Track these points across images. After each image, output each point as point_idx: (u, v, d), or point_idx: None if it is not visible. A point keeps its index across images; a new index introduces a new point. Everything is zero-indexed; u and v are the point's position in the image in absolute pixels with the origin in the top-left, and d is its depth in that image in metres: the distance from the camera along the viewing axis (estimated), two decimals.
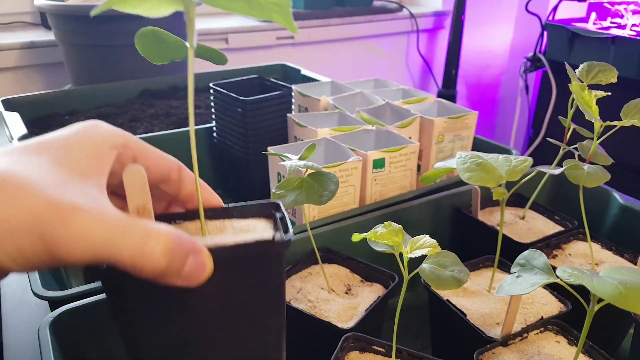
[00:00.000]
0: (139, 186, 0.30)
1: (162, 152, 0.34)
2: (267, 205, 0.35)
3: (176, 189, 0.35)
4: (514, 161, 0.48)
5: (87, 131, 0.30)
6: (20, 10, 1.61)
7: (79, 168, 0.28)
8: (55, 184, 0.26)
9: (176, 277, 0.28)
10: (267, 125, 0.79)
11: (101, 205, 0.27)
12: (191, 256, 0.28)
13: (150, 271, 0.27)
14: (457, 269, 0.41)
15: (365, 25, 2.04)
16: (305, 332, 0.49)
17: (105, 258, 0.26)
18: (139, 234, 0.27)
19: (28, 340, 0.55)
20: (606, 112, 0.53)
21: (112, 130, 0.31)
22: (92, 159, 0.29)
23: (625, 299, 0.31)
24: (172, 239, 0.27)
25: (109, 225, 0.26)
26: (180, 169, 0.35)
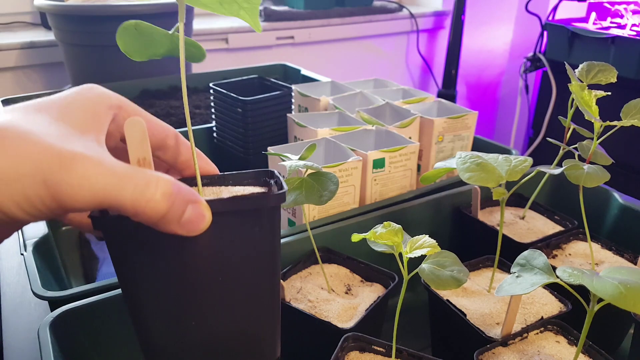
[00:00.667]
0: (139, 138, 0.30)
1: (157, 119, 0.35)
2: (262, 173, 0.37)
3: (173, 157, 0.36)
4: (514, 161, 0.48)
5: (84, 92, 0.31)
6: (20, 10, 1.61)
7: (77, 124, 0.29)
8: (56, 135, 0.27)
9: (176, 224, 0.29)
10: (267, 125, 0.79)
11: (101, 154, 0.28)
12: (190, 205, 0.29)
13: (151, 215, 0.28)
14: (457, 269, 0.41)
15: (365, 25, 2.04)
16: (305, 332, 0.49)
17: (107, 203, 0.27)
18: (139, 179, 0.28)
19: (28, 340, 0.55)
20: (606, 112, 0.53)
21: (108, 92, 0.32)
22: (90, 116, 0.30)
23: (625, 299, 0.31)
24: (172, 186, 0.28)
25: (109, 170, 0.27)
26: (176, 136, 0.36)
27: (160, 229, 0.29)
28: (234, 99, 0.77)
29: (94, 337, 0.47)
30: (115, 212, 0.29)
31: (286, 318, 0.50)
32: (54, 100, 0.30)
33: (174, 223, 0.29)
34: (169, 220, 0.29)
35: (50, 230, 0.61)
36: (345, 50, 2.06)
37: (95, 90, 0.32)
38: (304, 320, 0.48)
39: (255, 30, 0.31)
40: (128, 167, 0.28)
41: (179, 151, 0.36)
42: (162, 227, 0.29)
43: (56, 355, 0.41)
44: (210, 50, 1.76)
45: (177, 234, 0.29)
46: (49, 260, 0.58)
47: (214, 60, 1.76)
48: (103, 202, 0.27)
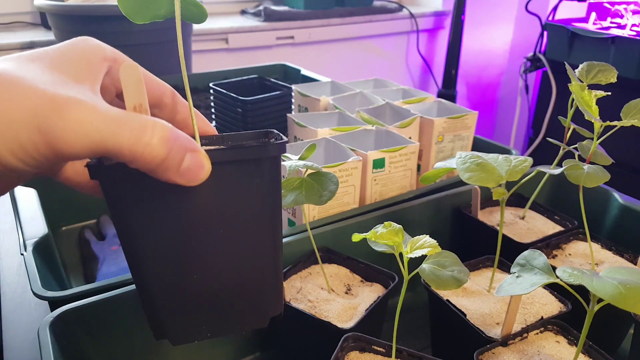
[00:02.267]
0: (135, 84, 0.30)
1: (154, 76, 0.35)
2: (261, 133, 0.36)
3: (170, 115, 0.36)
4: (514, 161, 0.48)
5: (78, 43, 0.31)
6: (20, 10, 1.61)
7: (72, 73, 0.29)
8: (50, 82, 0.27)
9: (175, 172, 0.28)
10: (267, 125, 0.79)
11: (96, 100, 0.27)
12: (189, 154, 0.28)
13: (149, 161, 0.27)
14: (457, 269, 0.41)
15: (365, 25, 2.04)
16: (305, 332, 0.49)
17: (103, 148, 0.26)
18: (136, 123, 0.27)
19: (28, 340, 0.55)
20: (606, 112, 0.53)
21: (103, 44, 0.32)
22: (84, 66, 0.30)
23: (625, 299, 0.31)
24: (169, 130, 0.28)
25: (105, 116, 0.26)
26: (173, 94, 0.35)
27: (158, 177, 0.28)
28: (234, 99, 0.77)
29: (94, 337, 0.47)
30: (111, 160, 0.28)
31: (286, 318, 0.50)
32: (48, 51, 0.30)
33: (172, 171, 0.28)
34: (168, 167, 0.28)
35: (50, 230, 0.61)
36: (345, 50, 2.06)
37: (90, 41, 0.32)
38: (304, 320, 0.48)
39: None
40: (124, 112, 0.27)
41: (176, 109, 0.36)
42: (161, 175, 0.28)
43: (56, 355, 0.41)
44: (210, 50, 1.76)
45: (176, 184, 0.29)
46: (49, 260, 0.58)
47: (214, 60, 1.76)
48: (99, 148, 0.26)
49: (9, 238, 0.73)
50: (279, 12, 1.85)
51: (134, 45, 1.14)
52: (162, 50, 1.19)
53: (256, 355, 0.56)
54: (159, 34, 1.16)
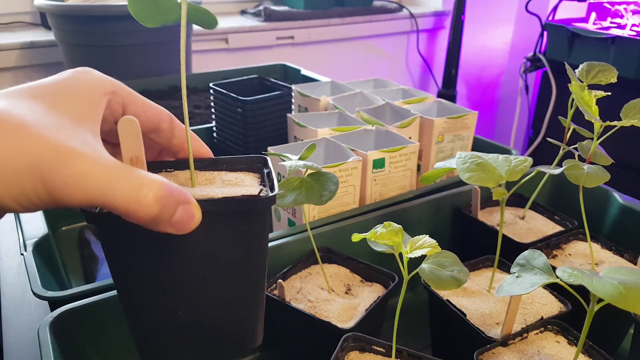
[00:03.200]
0: (132, 137, 0.31)
1: (152, 102, 0.35)
2: (254, 160, 0.38)
3: (167, 139, 0.36)
4: (514, 161, 0.48)
5: (78, 77, 0.31)
6: (20, 10, 1.61)
7: (73, 113, 0.29)
8: (53, 127, 0.27)
9: (167, 224, 0.29)
10: (267, 125, 0.79)
11: (97, 151, 0.28)
12: (181, 206, 0.29)
13: (142, 217, 0.28)
14: (457, 269, 0.41)
15: (365, 25, 2.04)
16: (305, 332, 0.49)
17: (101, 201, 0.27)
18: (133, 180, 0.28)
19: (28, 340, 0.55)
20: (606, 112, 0.53)
21: (102, 77, 0.33)
22: (85, 104, 0.30)
23: (625, 299, 0.31)
24: (164, 188, 0.29)
25: (105, 170, 0.27)
26: (171, 119, 0.36)
27: (150, 229, 0.29)
28: (234, 99, 0.77)
29: (94, 337, 0.47)
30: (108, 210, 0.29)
31: (286, 318, 0.50)
32: (48, 86, 0.30)
33: (164, 223, 0.29)
34: (160, 221, 0.29)
35: (50, 230, 0.61)
36: (345, 50, 2.06)
37: (89, 75, 0.32)
38: (304, 320, 0.48)
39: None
40: (122, 166, 0.28)
41: (173, 134, 0.36)
42: (153, 227, 0.29)
43: (56, 355, 0.41)
44: (210, 51, 1.76)
45: (167, 233, 0.30)
46: (49, 260, 0.58)
47: (214, 60, 1.76)
48: (96, 201, 0.27)
49: (9, 238, 0.73)
50: (279, 12, 1.85)
51: (134, 45, 1.15)
52: (161, 50, 1.19)
53: (256, 355, 0.56)
54: (159, 34, 1.16)
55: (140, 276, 0.33)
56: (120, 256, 0.33)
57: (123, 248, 0.33)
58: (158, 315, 0.34)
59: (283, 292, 0.49)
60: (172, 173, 0.36)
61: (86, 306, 0.46)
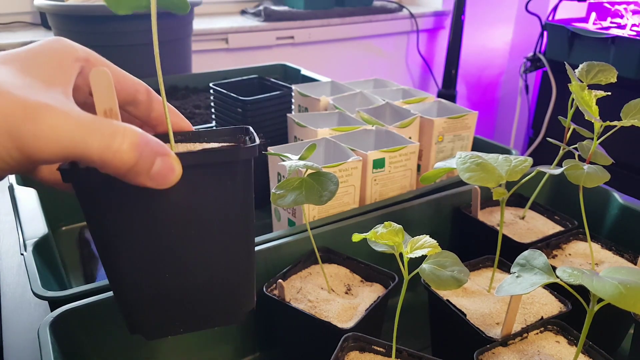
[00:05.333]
0: (105, 89, 0.30)
1: (127, 73, 0.35)
2: (237, 130, 0.37)
3: (145, 112, 0.36)
4: (514, 161, 0.48)
5: (50, 44, 0.31)
6: (20, 10, 1.61)
7: (44, 76, 0.29)
8: (22, 86, 0.27)
9: (145, 176, 0.29)
10: (267, 125, 0.79)
11: (67, 105, 0.27)
12: (159, 157, 0.29)
13: (118, 166, 0.28)
14: (457, 269, 0.41)
15: (365, 25, 2.04)
16: (305, 332, 0.49)
17: (74, 154, 0.27)
18: (106, 130, 0.27)
19: (28, 340, 0.55)
20: (606, 112, 0.53)
21: (74, 44, 0.32)
22: (56, 68, 0.30)
23: (625, 299, 0.31)
24: (139, 136, 0.28)
25: (76, 121, 0.27)
26: (148, 91, 0.36)
27: (129, 182, 0.29)
28: (234, 99, 0.77)
29: (94, 337, 0.47)
30: (84, 164, 0.29)
31: (286, 318, 0.50)
32: (19, 53, 0.30)
33: (143, 175, 0.28)
34: (138, 172, 0.28)
35: (50, 230, 0.61)
36: (345, 50, 2.06)
37: (62, 42, 0.32)
38: (304, 320, 0.48)
39: None
40: (95, 117, 0.27)
41: (151, 107, 0.36)
42: (131, 179, 0.28)
43: (56, 355, 0.41)
44: (210, 50, 1.76)
45: (147, 187, 0.29)
46: (49, 260, 0.58)
47: (214, 60, 1.76)
48: (70, 154, 0.27)
49: (9, 238, 0.73)
50: (279, 12, 1.85)
51: (134, 45, 1.14)
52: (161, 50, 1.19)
53: (256, 355, 0.56)
54: (159, 34, 1.16)
55: (121, 238, 0.32)
56: (100, 217, 0.32)
57: (102, 208, 0.31)
58: (144, 281, 0.33)
59: (283, 292, 0.49)
60: None
61: (86, 306, 0.46)
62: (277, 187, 0.49)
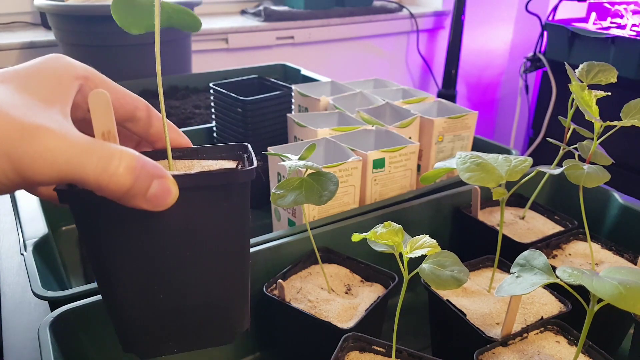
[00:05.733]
0: (103, 111, 0.30)
1: (127, 90, 0.35)
2: (235, 147, 0.37)
3: (144, 129, 0.36)
4: (514, 161, 0.48)
5: (49, 62, 0.31)
6: (20, 10, 1.61)
7: (42, 95, 0.29)
8: (20, 106, 0.27)
9: (141, 199, 0.28)
10: (267, 125, 0.79)
11: (65, 127, 0.27)
12: (156, 180, 0.29)
13: (114, 190, 0.28)
14: (457, 269, 0.41)
15: (365, 25, 2.04)
16: (305, 332, 0.49)
17: (70, 176, 0.27)
18: (103, 153, 0.27)
19: (28, 340, 0.55)
20: (606, 112, 0.53)
21: (73, 62, 0.32)
22: (55, 87, 0.30)
23: (625, 299, 0.31)
24: (135, 159, 0.28)
25: (72, 143, 0.27)
26: (147, 108, 0.35)
27: (125, 204, 0.29)
28: (234, 99, 0.77)
29: (94, 337, 0.47)
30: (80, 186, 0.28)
31: (286, 318, 0.50)
32: (18, 71, 0.30)
33: (139, 198, 0.28)
34: (134, 195, 0.28)
35: (50, 230, 0.61)
36: (345, 50, 2.06)
37: (61, 60, 0.31)
38: (304, 320, 0.48)
39: None
40: (91, 140, 0.27)
41: (150, 123, 0.36)
42: (127, 202, 0.28)
43: (56, 355, 0.41)
44: (210, 50, 1.76)
45: (143, 209, 0.29)
46: (49, 260, 0.58)
47: (214, 60, 1.76)
48: (66, 176, 0.26)
49: (9, 238, 0.73)
50: (279, 12, 1.85)
51: (134, 45, 1.14)
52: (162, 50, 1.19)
53: (256, 355, 0.56)
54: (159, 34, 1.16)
55: (117, 258, 0.32)
56: (96, 238, 0.32)
57: (98, 229, 0.31)
58: (139, 301, 0.33)
59: (283, 292, 0.49)
60: None
61: (86, 306, 0.46)
62: (277, 187, 0.49)
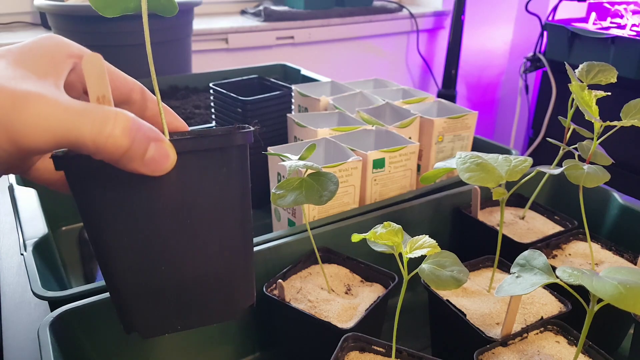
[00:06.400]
0: (98, 75, 0.30)
1: (121, 72, 0.35)
2: (233, 129, 0.36)
3: (140, 112, 0.35)
4: (514, 161, 0.48)
5: (43, 40, 0.31)
6: (20, 10, 1.61)
7: (36, 69, 0.29)
8: (13, 78, 0.27)
9: (139, 162, 0.28)
10: (267, 125, 0.79)
11: (57, 94, 0.27)
12: (153, 143, 0.28)
13: (112, 152, 0.27)
14: (457, 269, 0.41)
15: (365, 25, 2.04)
16: (305, 332, 0.49)
17: (66, 141, 0.26)
18: (98, 115, 0.27)
19: (28, 340, 0.55)
20: (606, 112, 0.53)
21: (67, 41, 0.32)
22: (48, 62, 0.30)
23: (625, 299, 0.31)
24: (132, 121, 0.28)
25: (66, 108, 0.26)
26: (142, 90, 0.35)
27: (122, 168, 0.28)
28: (234, 99, 0.77)
29: (94, 337, 0.47)
30: (77, 151, 0.28)
31: (286, 318, 0.50)
32: (12, 49, 0.30)
33: (136, 161, 0.28)
34: (132, 158, 0.28)
35: (50, 230, 0.61)
36: (345, 50, 2.06)
37: (55, 39, 0.32)
38: (304, 320, 0.48)
39: None
40: (85, 104, 0.27)
41: (145, 106, 0.35)
42: (125, 165, 0.28)
43: (56, 355, 0.41)
44: (210, 50, 1.76)
45: (141, 174, 0.29)
46: (49, 260, 0.58)
47: (214, 60, 1.76)
48: (62, 141, 0.26)
49: (9, 238, 0.73)
50: (279, 12, 1.85)
51: (134, 45, 1.14)
52: (161, 51, 1.19)
53: (256, 355, 0.56)
54: (159, 34, 1.16)
55: (115, 227, 0.31)
56: (93, 206, 0.31)
57: (95, 196, 0.31)
58: (139, 273, 0.32)
59: (283, 292, 0.49)
60: None
61: (86, 306, 0.46)
62: (277, 187, 0.49)
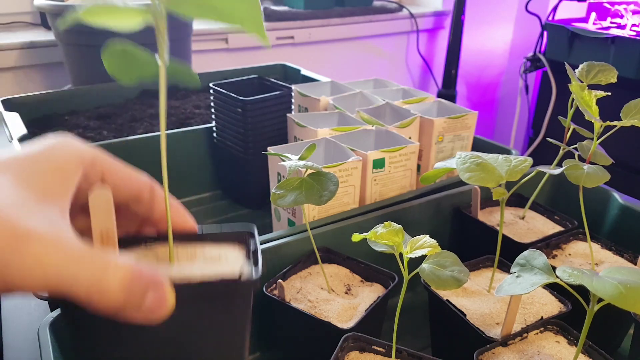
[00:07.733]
0: (104, 210, 0.29)
1: (133, 170, 0.33)
2: (242, 234, 0.35)
3: (148, 210, 0.34)
4: (514, 161, 0.48)
5: (54, 148, 0.29)
6: (20, 10, 1.61)
7: (42, 187, 0.27)
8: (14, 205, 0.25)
9: (135, 312, 0.27)
10: (267, 125, 0.79)
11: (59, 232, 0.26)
12: (151, 291, 0.27)
13: (106, 306, 0.26)
14: (457, 269, 0.41)
15: (365, 25, 2.04)
16: (305, 332, 0.49)
17: (59, 290, 0.25)
18: (96, 265, 0.26)
19: (28, 340, 0.55)
20: (606, 112, 0.53)
21: (80, 147, 0.30)
22: (57, 177, 0.28)
23: (625, 299, 0.31)
24: (131, 273, 0.26)
25: (65, 254, 0.25)
26: (152, 188, 0.34)
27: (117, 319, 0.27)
28: (234, 99, 0.77)
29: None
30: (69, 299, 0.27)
31: (286, 318, 0.50)
32: (21, 157, 0.28)
33: (132, 311, 0.27)
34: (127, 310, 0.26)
35: None
36: (345, 50, 2.06)
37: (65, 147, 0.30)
38: (304, 320, 0.48)
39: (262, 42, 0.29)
40: (85, 250, 0.26)
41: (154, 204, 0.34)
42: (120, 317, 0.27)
43: (56, 355, 0.41)
44: (210, 50, 1.76)
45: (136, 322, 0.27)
46: None
47: (214, 60, 1.76)
48: (55, 290, 0.25)
49: None
50: (279, 12, 1.85)
51: None
52: None
53: (256, 355, 0.56)
54: None
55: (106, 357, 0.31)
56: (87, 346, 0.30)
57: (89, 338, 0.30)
58: None
59: (283, 292, 0.49)
60: (151, 248, 0.33)
61: None
62: (277, 187, 0.49)
